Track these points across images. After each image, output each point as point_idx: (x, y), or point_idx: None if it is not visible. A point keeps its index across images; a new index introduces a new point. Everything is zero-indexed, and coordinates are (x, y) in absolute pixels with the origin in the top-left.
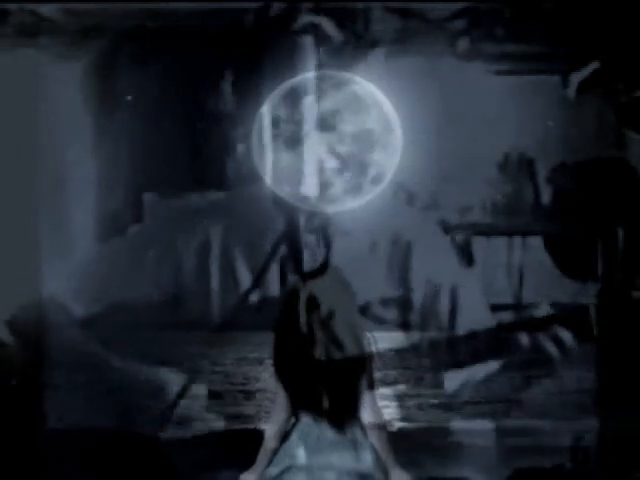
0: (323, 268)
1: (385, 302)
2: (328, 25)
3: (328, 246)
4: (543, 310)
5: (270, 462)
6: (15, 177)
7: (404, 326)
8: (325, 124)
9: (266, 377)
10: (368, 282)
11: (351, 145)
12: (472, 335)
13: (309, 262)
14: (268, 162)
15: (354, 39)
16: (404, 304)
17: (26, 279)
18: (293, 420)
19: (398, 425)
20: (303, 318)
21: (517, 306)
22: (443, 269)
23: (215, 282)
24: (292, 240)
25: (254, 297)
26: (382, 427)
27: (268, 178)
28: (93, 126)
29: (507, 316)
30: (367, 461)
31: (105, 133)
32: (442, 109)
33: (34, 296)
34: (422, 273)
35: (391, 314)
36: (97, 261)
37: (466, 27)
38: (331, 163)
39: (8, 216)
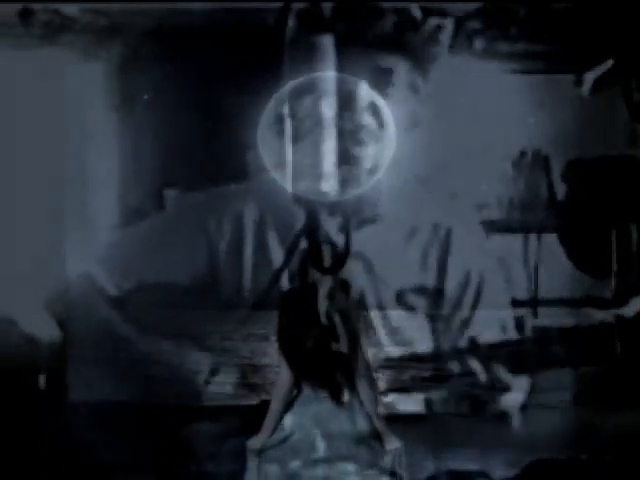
0: (344, 258)
1: (415, 290)
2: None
3: (348, 236)
4: (566, 322)
5: (274, 429)
6: (42, 168)
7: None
8: (342, 122)
9: (272, 352)
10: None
11: (365, 142)
12: (490, 347)
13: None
14: (287, 158)
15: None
16: (432, 293)
17: (54, 260)
18: (295, 392)
19: (418, 414)
20: (323, 308)
21: (533, 301)
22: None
23: (246, 263)
24: (312, 233)
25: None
26: (377, 397)
27: (287, 174)
28: (114, 123)
29: (524, 312)
30: (363, 429)
31: (126, 130)
32: (460, 107)
33: (63, 276)
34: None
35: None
36: (125, 243)
37: (482, 27)
38: (349, 159)
39: (37, 204)
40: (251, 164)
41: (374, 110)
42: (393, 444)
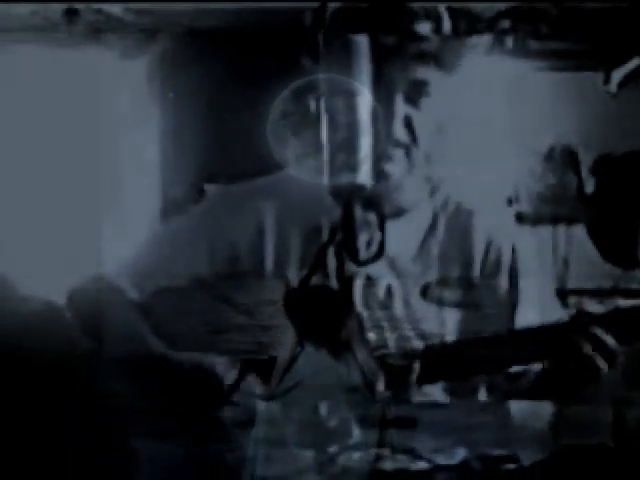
0: (381, 250)
1: (445, 281)
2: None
3: (382, 228)
4: (590, 308)
5: (281, 381)
6: (77, 167)
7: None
8: (375, 119)
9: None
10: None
11: (396, 139)
12: (515, 335)
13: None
14: (323, 151)
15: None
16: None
17: (85, 258)
18: (299, 349)
19: (446, 401)
20: (360, 298)
21: (561, 291)
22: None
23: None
24: (346, 225)
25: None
26: (370, 351)
27: (326, 170)
28: (154, 122)
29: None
30: (356, 379)
31: (166, 128)
32: (490, 104)
33: (93, 273)
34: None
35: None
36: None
37: (511, 25)
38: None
39: (71, 205)
40: (284, 159)
41: (405, 109)
42: (383, 394)
